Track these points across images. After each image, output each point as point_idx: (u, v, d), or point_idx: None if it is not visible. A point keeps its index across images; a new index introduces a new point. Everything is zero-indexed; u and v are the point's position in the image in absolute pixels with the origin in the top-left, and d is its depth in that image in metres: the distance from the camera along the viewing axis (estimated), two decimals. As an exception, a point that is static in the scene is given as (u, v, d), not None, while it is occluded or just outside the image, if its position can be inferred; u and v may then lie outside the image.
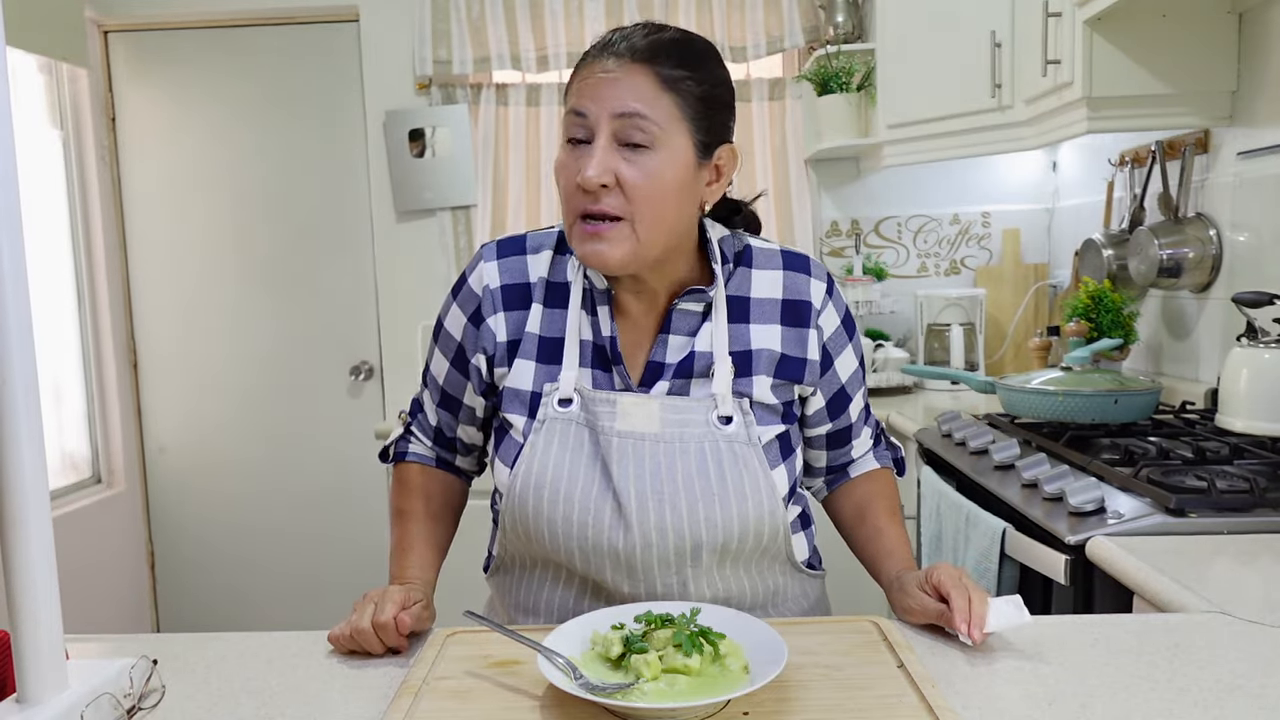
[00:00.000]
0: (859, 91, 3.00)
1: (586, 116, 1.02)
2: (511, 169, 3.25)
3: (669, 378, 1.10)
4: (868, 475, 1.26)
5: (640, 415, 1.07)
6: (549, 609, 1.15)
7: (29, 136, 3.06)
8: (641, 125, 1.00)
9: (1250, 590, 1.15)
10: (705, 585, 1.10)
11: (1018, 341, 3.07)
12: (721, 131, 1.08)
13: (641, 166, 1.01)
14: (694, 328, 1.11)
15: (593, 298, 1.12)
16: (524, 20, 3.18)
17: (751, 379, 1.10)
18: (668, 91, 1.02)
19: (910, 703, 0.84)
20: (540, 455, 1.08)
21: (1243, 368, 1.73)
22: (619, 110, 1.00)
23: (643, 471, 1.06)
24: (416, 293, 3.32)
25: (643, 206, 1.02)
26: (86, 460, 3.29)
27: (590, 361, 1.11)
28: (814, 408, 1.18)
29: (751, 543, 1.09)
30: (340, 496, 3.42)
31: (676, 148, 1.03)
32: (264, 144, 3.35)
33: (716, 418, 1.08)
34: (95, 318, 3.29)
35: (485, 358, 1.14)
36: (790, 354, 1.12)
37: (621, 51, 1.02)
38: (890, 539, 1.18)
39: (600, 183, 1.00)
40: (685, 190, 1.05)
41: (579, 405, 1.09)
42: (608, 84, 1.01)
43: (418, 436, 1.26)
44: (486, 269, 1.14)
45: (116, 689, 0.85)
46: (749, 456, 1.07)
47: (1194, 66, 2.05)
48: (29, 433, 0.77)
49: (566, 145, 1.05)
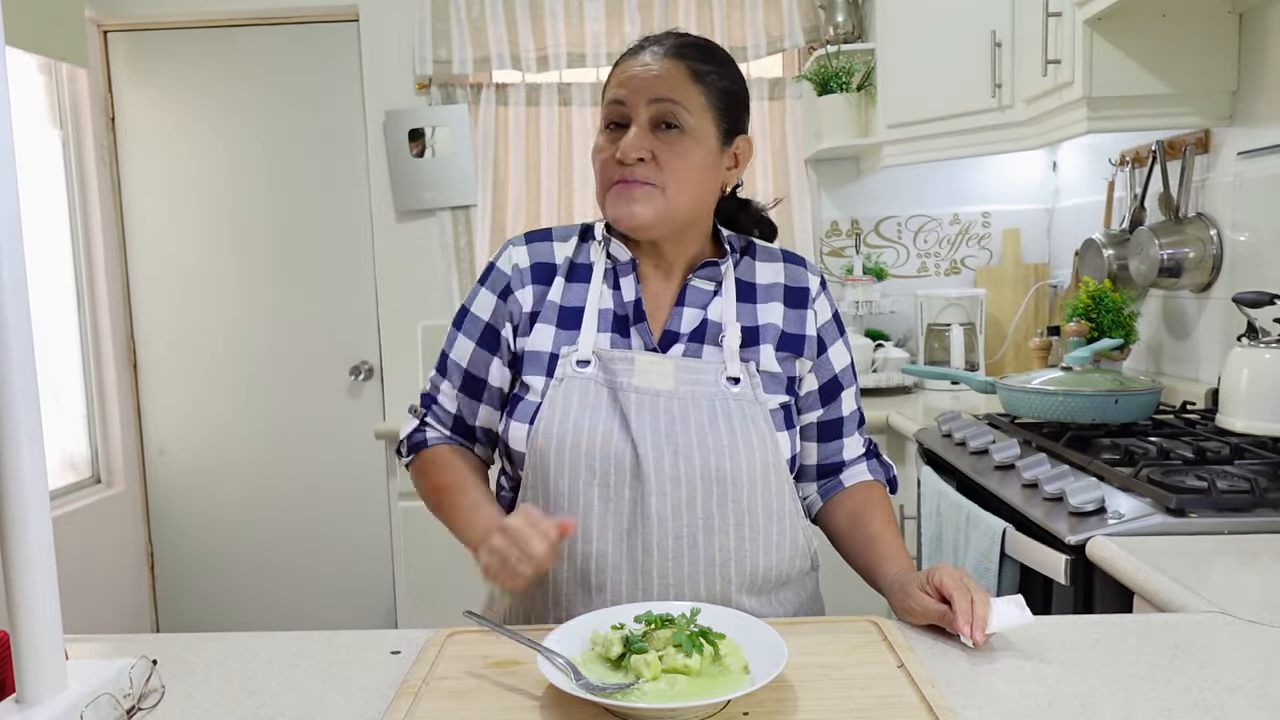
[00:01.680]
0: (859, 91, 3.00)
1: (625, 104, 1.15)
2: (511, 169, 3.25)
3: (684, 343, 1.18)
4: (861, 485, 1.27)
5: (656, 373, 1.15)
6: (556, 582, 1.14)
7: (29, 136, 3.06)
8: (674, 111, 1.14)
9: (1250, 590, 1.15)
10: (716, 550, 1.11)
11: (1018, 341, 3.07)
12: (740, 123, 1.21)
13: (673, 146, 1.14)
14: (706, 302, 1.21)
15: (615, 273, 1.21)
16: (524, 20, 3.18)
17: (758, 348, 1.19)
18: (697, 83, 1.15)
19: (910, 703, 0.84)
20: (560, 409, 1.14)
21: (1243, 368, 1.73)
22: (655, 96, 1.14)
23: (658, 424, 1.12)
24: (416, 293, 3.32)
25: (672, 176, 1.14)
26: (86, 460, 3.29)
27: (610, 327, 1.19)
28: (807, 388, 1.24)
29: (760, 500, 1.13)
30: (340, 496, 3.42)
31: (704, 133, 1.16)
32: (264, 144, 3.35)
33: (726, 378, 1.15)
34: (95, 318, 3.29)
35: (512, 327, 1.21)
36: (791, 330, 1.21)
37: (657, 49, 1.17)
38: (886, 543, 1.19)
39: (637, 156, 1.13)
40: (710, 170, 1.18)
41: (597, 365, 1.16)
42: (645, 74, 1.15)
43: (435, 426, 1.28)
44: (516, 252, 1.24)
45: (116, 689, 0.85)
46: (755, 414, 1.14)
47: (1194, 66, 2.05)
48: (29, 433, 0.77)
49: (605, 131, 1.18)
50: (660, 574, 1.10)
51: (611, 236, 1.22)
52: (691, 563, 1.11)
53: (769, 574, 1.15)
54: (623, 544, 1.11)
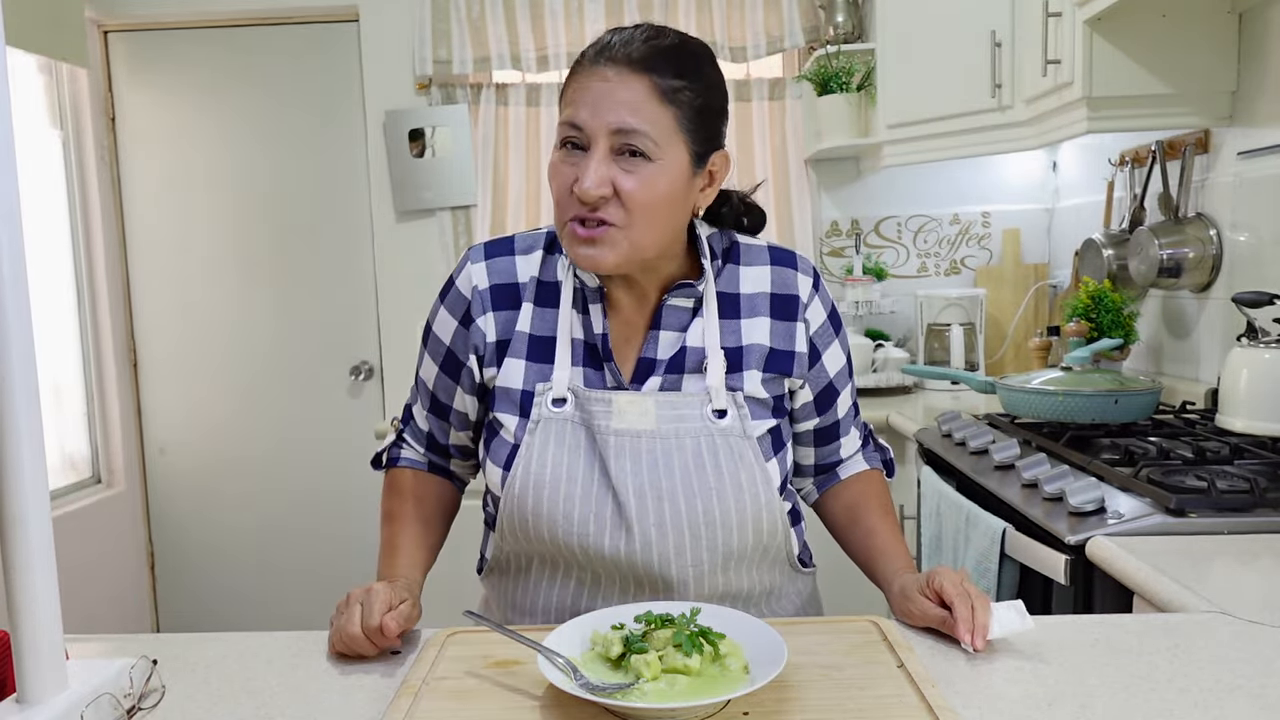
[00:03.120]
0: (859, 91, 3.00)
1: (583, 129, 1.01)
2: (511, 169, 3.25)
3: (660, 373, 1.10)
4: (858, 476, 1.25)
5: (635, 413, 1.07)
6: (546, 609, 1.14)
7: (29, 136, 3.06)
8: (639, 140, 1.00)
9: (1250, 590, 1.15)
10: (706, 585, 1.10)
11: (1018, 341, 3.07)
12: (715, 139, 1.08)
13: (639, 177, 1.01)
14: (684, 323, 1.12)
15: (584, 296, 1.12)
16: (524, 20, 3.18)
17: (742, 374, 1.11)
18: (666, 104, 1.01)
19: (910, 703, 0.84)
20: (538, 455, 1.08)
21: (1243, 368, 1.73)
22: (617, 125, 1.00)
23: (640, 468, 1.06)
24: (416, 293, 3.32)
25: (638, 215, 1.02)
26: (86, 460, 3.29)
27: (582, 360, 1.11)
28: (801, 401, 1.18)
29: (751, 539, 1.09)
30: (340, 496, 3.42)
31: (673, 159, 1.03)
32: (264, 144, 3.35)
33: (711, 412, 1.08)
34: (95, 318, 3.29)
35: (476, 358, 1.14)
36: (779, 347, 1.13)
37: (619, 59, 1.01)
38: (885, 538, 1.17)
39: (598, 195, 1.00)
40: (680, 198, 1.05)
41: (573, 405, 1.09)
42: (605, 94, 1.00)
43: (409, 443, 1.25)
44: (474, 270, 1.14)
45: (116, 689, 0.85)
46: (744, 449, 1.08)
47: (1194, 66, 2.05)
48: (29, 433, 0.77)
49: (560, 150, 1.04)
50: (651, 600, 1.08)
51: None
52: (681, 597, 1.08)
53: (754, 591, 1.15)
54: (614, 591, 1.09)
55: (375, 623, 0.97)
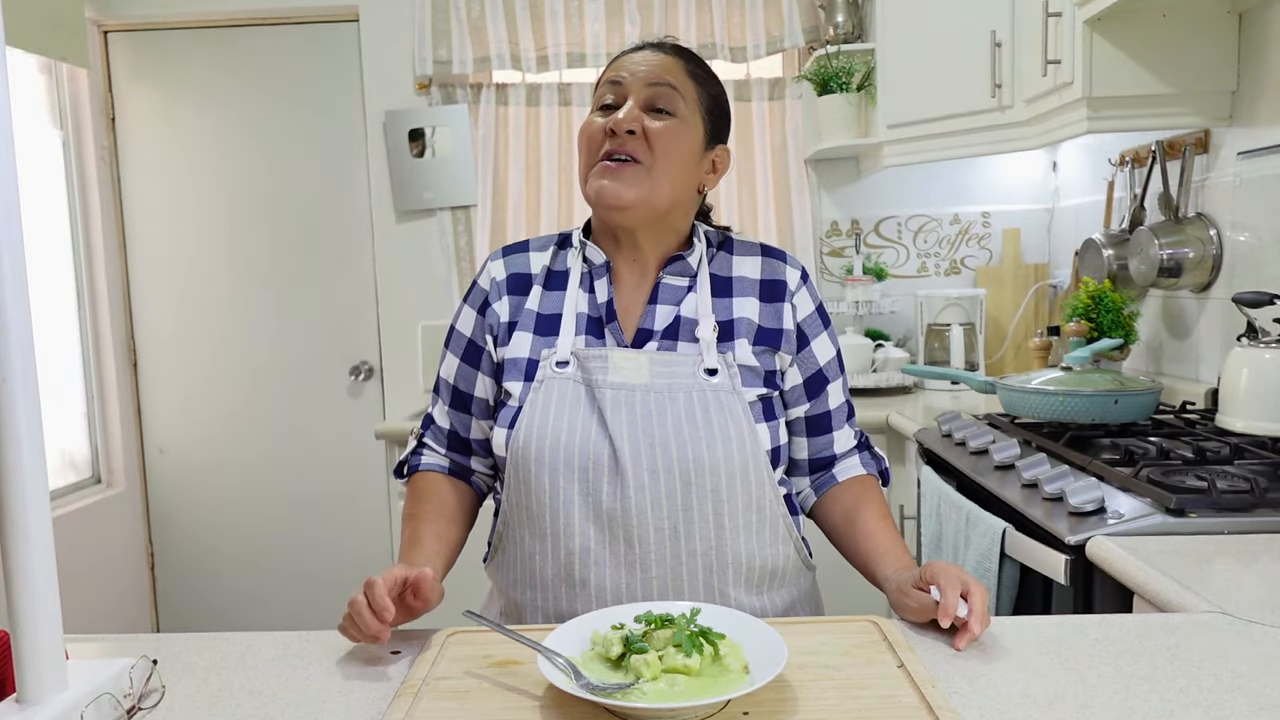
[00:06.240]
0: (859, 91, 3.00)
1: (622, 84, 1.17)
2: (511, 169, 3.25)
3: (657, 340, 1.19)
4: (855, 480, 1.27)
5: (630, 368, 1.15)
6: (543, 579, 1.15)
7: (29, 136, 3.06)
8: (671, 95, 1.17)
9: (1250, 590, 1.15)
10: (698, 538, 1.12)
11: (1018, 341, 3.07)
12: (722, 133, 1.25)
13: (666, 125, 1.16)
14: (679, 298, 1.21)
15: (591, 276, 1.23)
16: (524, 20, 3.18)
17: (733, 343, 1.19)
18: (691, 79, 1.19)
19: (910, 703, 0.84)
20: (540, 410, 1.15)
21: (1243, 368, 1.73)
22: (653, 79, 1.17)
23: (634, 418, 1.13)
24: (416, 293, 3.32)
25: (660, 156, 1.15)
26: (86, 460, 3.29)
27: (586, 329, 1.20)
28: (791, 383, 1.24)
29: (740, 488, 1.13)
30: (340, 496, 3.42)
31: (692, 125, 1.19)
32: (264, 144, 3.35)
33: (703, 370, 1.16)
34: (95, 318, 3.29)
35: (492, 338, 1.23)
36: (767, 325, 1.21)
37: (653, 47, 1.21)
38: (884, 539, 1.19)
39: (629, 128, 1.14)
40: (693, 161, 1.20)
41: (575, 365, 1.16)
42: (643, 61, 1.19)
43: (431, 447, 1.30)
44: (493, 266, 1.26)
45: (116, 689, 0.85)
46: (734, 404, 1.14)
47: (1194, 66, 2.05)
48: (29, 433, 0.77)
49: (597, 112, 1.19)
50: (643, 566, 1.11)
51: (588, 241, 1.24)
52: (674, 555, 1.12)
53: (752, 563, 1.16)
54: (605, 539, 1.12)
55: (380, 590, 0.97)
